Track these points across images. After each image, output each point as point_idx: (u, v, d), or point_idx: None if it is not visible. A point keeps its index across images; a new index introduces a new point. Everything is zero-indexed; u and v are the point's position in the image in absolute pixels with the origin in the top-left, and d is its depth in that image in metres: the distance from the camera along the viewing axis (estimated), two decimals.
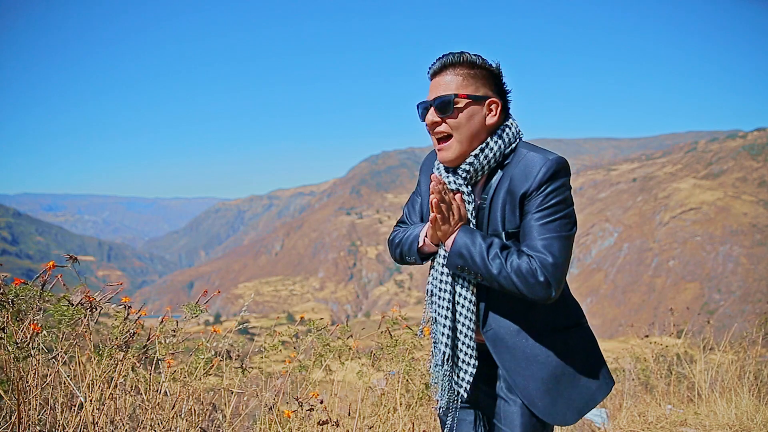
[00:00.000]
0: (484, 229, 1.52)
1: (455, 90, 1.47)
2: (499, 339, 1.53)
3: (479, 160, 1.50)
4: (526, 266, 1.38)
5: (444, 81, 1.49)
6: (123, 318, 2.28)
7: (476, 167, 1.51)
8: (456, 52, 1.50)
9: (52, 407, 2.11)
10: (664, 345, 4.96)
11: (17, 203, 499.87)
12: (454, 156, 1.50)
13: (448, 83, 1.49)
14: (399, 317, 3.28)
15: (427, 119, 1.51)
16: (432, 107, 1.49)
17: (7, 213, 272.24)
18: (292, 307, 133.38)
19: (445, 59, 1.50)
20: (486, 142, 1.51)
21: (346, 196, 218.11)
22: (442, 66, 1.50)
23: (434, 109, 1.49)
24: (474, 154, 1.50)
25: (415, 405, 3.05)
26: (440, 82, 1.50)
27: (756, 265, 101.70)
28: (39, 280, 2.06)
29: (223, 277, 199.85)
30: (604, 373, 1.59)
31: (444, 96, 1.47)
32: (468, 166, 1.50)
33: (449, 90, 1.48)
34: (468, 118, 1.48)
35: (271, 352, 3.04)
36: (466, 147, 1.50)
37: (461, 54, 1.49)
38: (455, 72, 1.49)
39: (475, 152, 1.50)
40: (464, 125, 1.48)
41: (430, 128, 1.52)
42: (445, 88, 1.48)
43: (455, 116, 1.48)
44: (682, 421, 3.81)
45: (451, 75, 1.49)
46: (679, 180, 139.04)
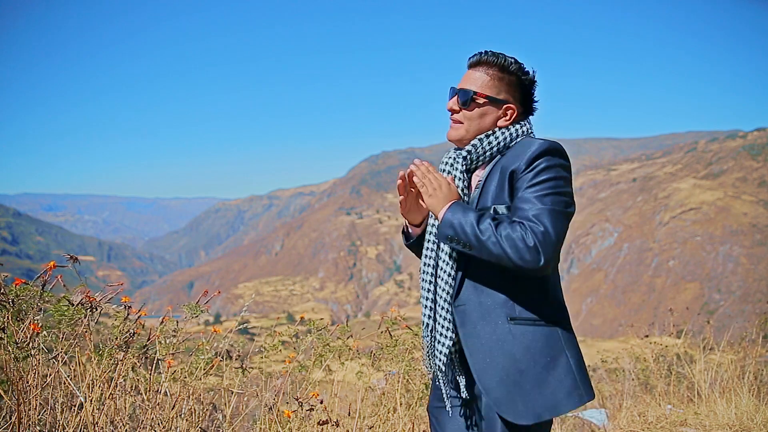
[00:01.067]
0: (471, 205, 1.58)
1: (478, 88, 1.59)
2: (468, 316, 1.53)
3: (482, 144, 1.60)
4: (517, 233, 1.40)
5: (474, 75, 1.62)
6: (123, 318, 2.28)
7: (479, 151, 1.60)
8: (496, 52, 1.60)
9: (52, 407, 2.12)
10: (664, 345, 4.96)
11: (17, 203, 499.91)
12: (457, 137, 1.63)
13: (476, 79, 1.61)
14: (398, 317, 3.29)
15: (448, 104, 1.64)
16: (455, 95, 1.63)
17: (7, 213, 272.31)
18: (292, 307, 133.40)
19: (483, 56, 1.61)
20: (493, 130, 1.61)
21: (346, 196, 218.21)
22: (478, 61, 1.62)
23: (457, 97, 1.62)
24: (479, 138, 1.61)
25: (415, 405, 3.05)
26: (471, 75, 1.62)
27: (756, 265, 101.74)
28: (39, 280, 2.06)
29: (223, 277, 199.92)
30: (579, 383, 1.48)
31: (466, 90, 1.60)
32: (471, 147, 1.60)
33: (474, 85, 1.60)
34: (480, 115, 1.60)
35: (271, 352, 3.04)
36: (470, 135, 1.62)
37: (498, 55, 1.59)
38: (487, 71, 1.60)
39: (479, 137, 1.61)
40: (475, 120, 1.60)
41: (450, 111, 1.65)
42: (472, 83, 1.61)
43: (471, 110, 1.60)
44: (682, 421, 3.81)
45: (482, 72, 1.61)
46: (679, 180, 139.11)
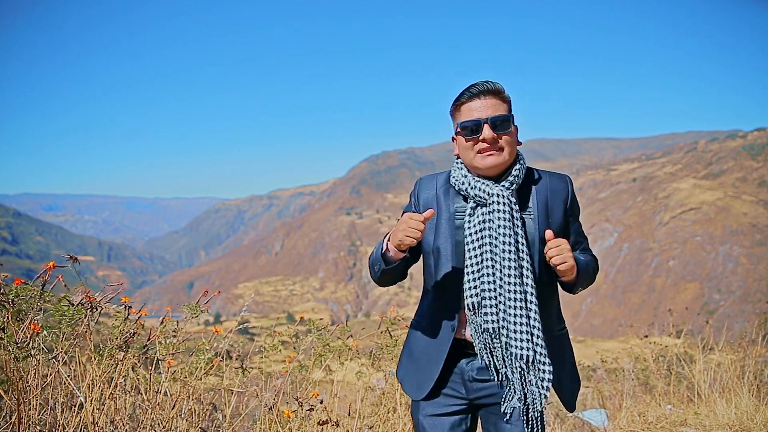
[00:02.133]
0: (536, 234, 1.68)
1: (505, 112, 1.67)
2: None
3: (520, 174, 1.70)
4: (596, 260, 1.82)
5: (493, 102, 1.67)
6: (123, 318, 2.28)
7: (517, 180, 1.69)
8: (494, 82, 1.69)
9: (52, 407, 2.12)
10: (664, 345, 4.96)
11: (17, 203, 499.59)
12: (500, 163, 1.66)
13: (497, 105, 1.67)
14: (398, 317, 3.29)
15: (486, 134, 1.64)
16: (487, 124, 1.64)
17: (7, 213, 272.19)
18: (292, 307, 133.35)
19: (493, 85, 1.68)
20: (519, 161, 1.73)
21: (346, 196, 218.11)
22: (488, 90, 1.67)
23: (489, 126, 1.64)
24: (517, 168, 1.70)
25: None
26: (490, 103, 1.66)
27: (756, 265, 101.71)
28: (39, 280, 2.06)
29: (223, 277, 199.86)
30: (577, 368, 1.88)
31: (503, 114, 1.66)
32: (514, 177, 1.68)
33: (501, 110, 1.66)
34: (514, 137, 1.70)
35: (271, 352, 3.04)
36: (510, 161, 1.69)
37: (499, 84, 1.69)
38: (501, 98, 1.69)
39: (517, 167, 1.70)
40: (512, 143, 1.69)
41: (489, 143, 1.65)
42: (498, 109, 1.66)
43: (510, 133, 1.67)
44: (682, 421, 3.81)
45: (499, 101, 1.68)
46: (679, 180, 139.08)
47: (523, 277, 1.61)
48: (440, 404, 1.72)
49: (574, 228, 1.79)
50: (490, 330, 1.61)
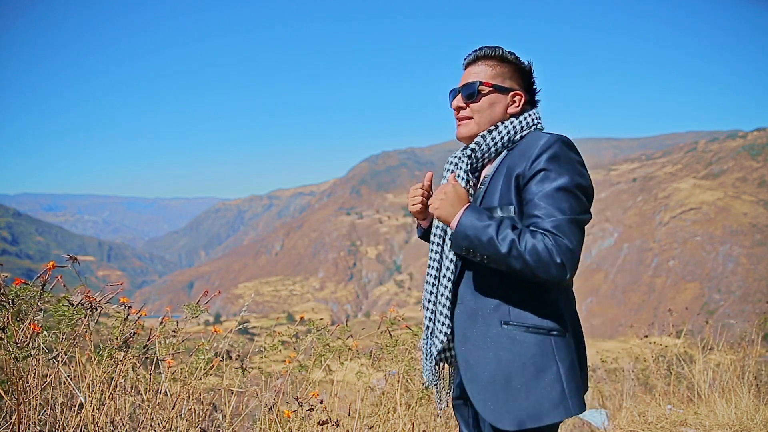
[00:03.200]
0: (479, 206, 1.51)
1: (483, 78, 1.59)
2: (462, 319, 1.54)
3: (485, 141, 1.56)
4: (541, 246, 1.32)
5: (474, 70, 1.62)
6: (123, 318, 2.28)
7: (482, 148, 1.57)
8: (492, 46, 1.61)
9: (52, 407, 2.12)
10: (664, 345, 4.96)
11: (17, 203, 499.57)
12: (469, 133, 1.61)
13: (477, 72, 1.61)
14: (398, 317, 3.29)
15: (453, 103, 1.63)
16: (459, 93, 1.62)
17: (7, 213, 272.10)
18: (292, 307, 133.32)
19: (480, 51, 1.62)
20: (496, 124, 1.58)
21: (346, 196, 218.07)
22: (476, 57, 1.62)
23: (460, 95, 1.61)
24: (482, 135, 1.57)
25: (415, 405, 3.05)
26: (471, 71, 1.62)
27: (756, 265, 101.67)
28: (39, 281, 2.06)
29: (223, 277, 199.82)
30: (567, 395, 1.41)
31: (470, 82, 1.60)
32: (474, 145, 1.57)
33: (477, 78, 1.60)
34: (489, 104, 1.59)
35: (271, 352, 3.04)
36: (482, 129, 1.59)
37: (495, 48, 1.61)
38: (486, 63, 1.61)
39: (483, 133, 1.58)
40: (485, 110, 1.58)
41: (456, 112, 1.64)
42: (474, 77, 1.61)
43: (478, 101, 1.59)
44: (682, 421, 3.81)
45: (483, 66, 1.61)
46: (679, 180, 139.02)
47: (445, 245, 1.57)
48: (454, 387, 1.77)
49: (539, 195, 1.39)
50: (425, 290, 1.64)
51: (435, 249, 1.60)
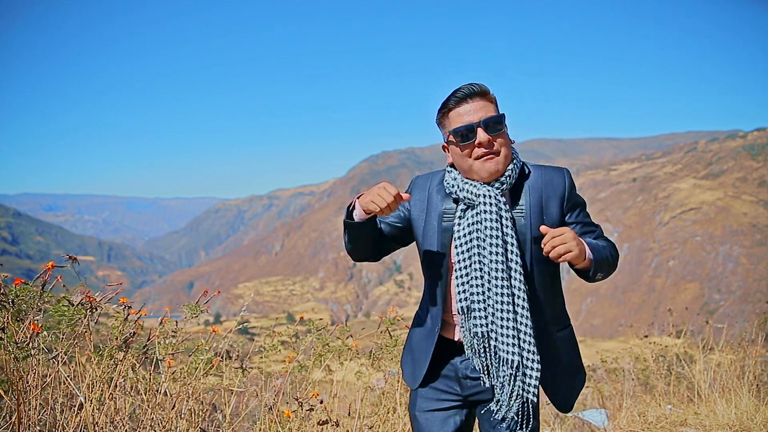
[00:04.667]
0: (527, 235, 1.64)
1: (495, 112, 1.63)
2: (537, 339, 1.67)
3: (513, 173, 1.66)
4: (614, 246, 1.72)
5: (481, 104, 1.63)
6: (123, 318, 2.28)
7: (511, 179, 1.66)
8: (480, 83, 1.65)
9: (52, 407, 2.12)
10: (664, 345, 4.96)
11: (17, 203, 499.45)
12: (501, 168, 1.63)
13: (486, 106, 1.63)
14: (398, 317, 3.29)
15: (482, 138, 1.60)
16: (480, 127, 1.60)
17: (7, 213, 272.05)
18: (292, 307, 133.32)
19: (481, 87, 1.64)
20: (513, 159, 1.68)
21: (346, 196, 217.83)
22: (475, 92, 1.63)
23: (482, 129, 1.60)
24: (510, 168, 1.66)
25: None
26: (479, 106, 1.63)
27: (756, 265, 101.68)
28: (39, 281, 2.06)
29: (223, 277, 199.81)
30: (582, 367, 1.83)
31: (497, 115, 1.62)
32: (506, 177, 1.65)
33: (493, 112, 1.63)
34: (506, 137, 1.66)
35: (271, 352, 3.04)
36: (507, 162, 1.65)
37: (485, 86, 1.66)
38: (489, 99, 1.65)
39: (510, 166, 1.66)
40: (507, 144, 1.65)
41: (485, 147, 1.61)
42: (489, 110, 1.63)
43: (502, 135, 1.64)
44: (682, 421, 3.81)
45: (487, 102, 1.64)
46: (679, 180, 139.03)
47: (512, 279, 1.58)
48: (434, 400, 1.76)
49: (578, 219, 1.71)
50: (479, 334, 1.60)
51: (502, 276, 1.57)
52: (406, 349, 1.89)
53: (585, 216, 1.73)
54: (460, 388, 1.73)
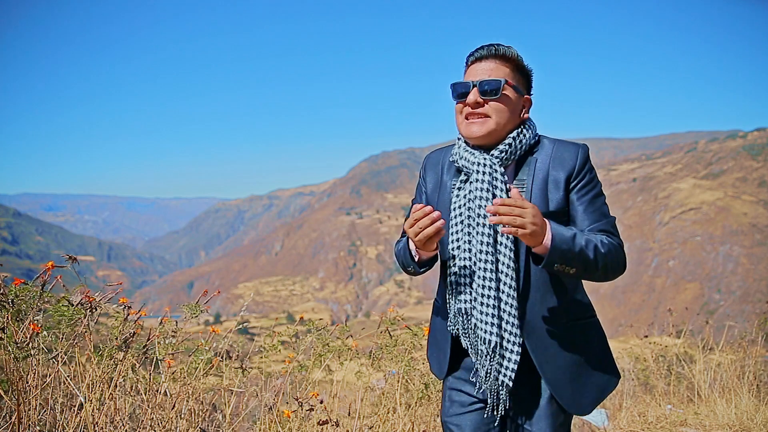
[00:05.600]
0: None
1: (504, 77, 1.53)
2: (532, 327, 1.53)
3: (516, 143, 1.54)
4: (614, 246, 1.47)
5: (492, 66, 1.54)
6: (123, 318, 2.28)
7: (513, 149, 1.54)
8: (506, 45, 1.55)
9: (52, 407, 2.12)
10: (664, 345, 4.96)
11: (17, 203, 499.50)
12: (485, 131, 1.52)
13: (496, 70, 1.53)
14: (398, 317, 3.29)
15: (470, 99, 1.52)
16: (475, 88, 1.52)
17: (7, 213, 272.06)
18: (292, 307, 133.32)
19: (498, 49, 1.55)
20: (520, 129, 1.56)
21: (346, 196, 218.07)
22: (492, 54, 1.55)
23: (478, 91, 1.51)
24: (512, 137, 1.54)
25: (415, 405, 3.05)
26: (488, 67, 1.54)
27: (756, 265, 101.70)
28: (39, 281, 2.06)
29: (223, 277, 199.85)
30: (613, 366, 1.64)
31: (494, 80, 1.51)
32: (506, 146, 1.53)
33: (499, 76, 1.52)
34: (510, 105, 1.53)
35: (271, 352, 3.04)
36: (499, 129, 1.53)
37: (511, 49, 1.55)
38: (505, 63, 1.55)
39: (513, 134, 1.54)
40: (504, 111, 1.52)
41: (472, 107, 1.53)
42: (495, 74, 1.53)
43: (500, 100, 1.52)
44: (682, 421, 3.81)
45: (501, 64, 1.54)
46: (679, 180, 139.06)
47: (500, 254, 1.48)
48: (462, 404, 1.65)
49: (587, 202, 1.52)
50: (462, 311, 1.53)
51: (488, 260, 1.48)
52: (430, 339, 1.78)
53: (594, 201, 1.52)
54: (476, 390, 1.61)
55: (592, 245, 1.42)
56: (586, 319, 1.60)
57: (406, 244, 1.61)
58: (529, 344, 1.53)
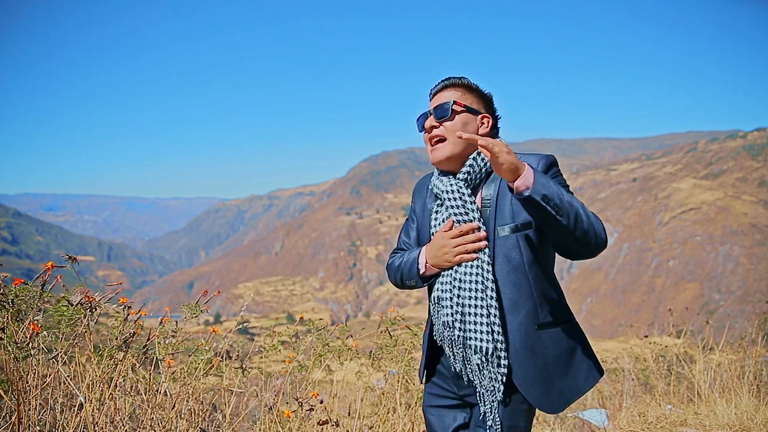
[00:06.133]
0: (491, 226, 1.61)
1: (454, 99, 1.67)
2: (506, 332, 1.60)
3: (477, 163, 1.65)
4: (593, 216, 1.52)
5: (444, 95, 1.70)
6: (123, 318, 2.28)
7: (475, 169, 1.65)
8: (458, 76, 1.72)
9: (52, 407, 2.12)
10: (664, 345, 4.96)
11: (17, 203, 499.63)
12: (445, 156, 1.65)
13: (447, 96, 1.70)
14: (398, 317, 3.29)
15: (426, 124, 1.69)
16: (431, 115, 1.68)
17: (7, 213, 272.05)
18: (292, 307, 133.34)
19: (448, 80, 1.71)
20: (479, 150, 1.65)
21: (346, 196, 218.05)
22: (444, 86, 1.71)
23: (432, 116, 1.68)
24: (472, 157, 1.65)
25: (414, 405, 3.06)
26: (441, 97, 1.71)
27: (756, 265, 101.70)
28: (39, 281, 2.06)
29: (223, 277, 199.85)
30: (591, 365, 1.70)
31: (443, 103, 1.67)
32: (468, 167, 1.65)
33: (448, 100, 1.68)
34: (462, 123, 1.66)
35: (271, 352, 3.04)
36: (458, 150, 1.65)
37: (461, 77, 1.71)
38: (455, 89, 1.70)
39: (473, 155, 1.66)
40: (458, 131, 1.62)
41: (428, 132, 1.69)
42: (445, 99, 1.69)
43: (452, 119, 1.65)
44: (682, 421, 3.81)
45: (452, 91, 1.70)
46: (679, 180, 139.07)
47: (482, 271, 1.57)
48: (437, 396, 1.77)
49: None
50: (447, 323, 1.62)
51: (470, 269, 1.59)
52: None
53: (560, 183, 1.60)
54: (457, 388, 1.73)
55: (569, 194, 1.51)
56: (562, 323, 1.66)
57: (417, 257, 1.71)
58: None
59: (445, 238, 1.62)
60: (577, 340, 1.69)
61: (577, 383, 1.66)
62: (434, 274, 1.69)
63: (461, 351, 1.60)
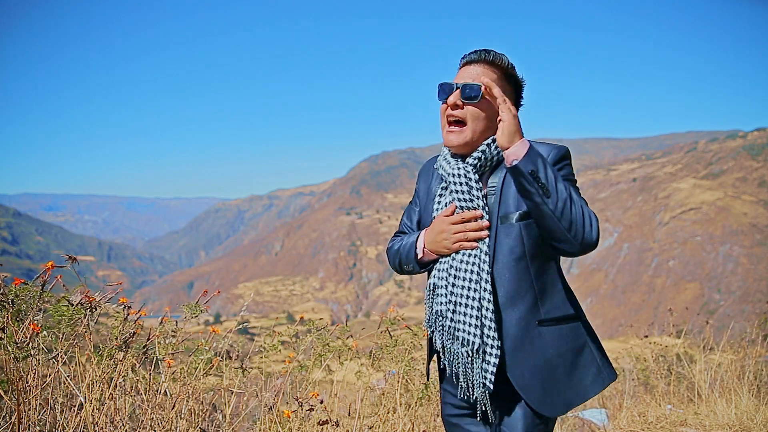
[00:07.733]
0: (495, 213, 1.54)
1: (487, 83, 1.51)
2: (504, 330, 1.53)
3: (490, 150, 1.56)
4: (588, 209, 1.45)
5: (479, 71, 1.55)
6: (123, 318, 2.28)
7: (487, 156, 1.56)
8: (498, 52, 1.57)
9: (52, 407, 2.11)
10: (664, 345, 4.96)
11: (17, 203, 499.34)
12: (461, 142, 1.55)
13: (480, 74, 1.54)
14: (398, 317, 3.29)
15: (450, 99, 1.54)
16: (458, 89, 1.53)
17: (7, 213, 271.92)
18: (292, 307, 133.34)
19: (487, 55, 1.56)
20: (494, 138, 1.56)
21: (346, 196, 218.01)
22: (482, 59, 1.56)
23: (460, 93, 1.53)
24: (486, 143, 1.56)
25: (415, 405, 3.05)
26: (474, 71, 1.55)
27: (756, 265, 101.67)
28: (39, 281, 2.06)
29: (223, 277, 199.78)
30: (602, 368, 1.60)
31: (474, 84, 1.51)
32: (480, 153, 1.56)
33: (480, 81, 1.52)
34: (488, 112, 1.54)
35: (271, 352, 3.04)
36: (476, 137, 1.55)
37: (502, 56, 1.56)
38: (492, 69, 1.56)
39: (487, 142, 1.56)
40: (481, 118, 1.54)
41: (451, 108, 1.55)
42: (476, 78, 1.53)
43: (480, 106, 1.53)
44: (682, 421, 3.81)
45: (489, 70, 1.55)
46: (679, 180, 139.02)
47: (480, 260, 1.51)
48: (452, 406, 1.69)
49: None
50: (439, 312, 1.56)
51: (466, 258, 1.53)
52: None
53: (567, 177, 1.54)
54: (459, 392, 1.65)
55: (568, 185, 1.45)
56: (567, 321, 1.57)
57: (415, 242, 1.65)
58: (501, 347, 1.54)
59: (445, 222, 1.55)
60: (584, 339, 1.59)
61: (582, 385, 1.55)
62: (433, 260, 1.62)
63: (450, 342, 1.55)
